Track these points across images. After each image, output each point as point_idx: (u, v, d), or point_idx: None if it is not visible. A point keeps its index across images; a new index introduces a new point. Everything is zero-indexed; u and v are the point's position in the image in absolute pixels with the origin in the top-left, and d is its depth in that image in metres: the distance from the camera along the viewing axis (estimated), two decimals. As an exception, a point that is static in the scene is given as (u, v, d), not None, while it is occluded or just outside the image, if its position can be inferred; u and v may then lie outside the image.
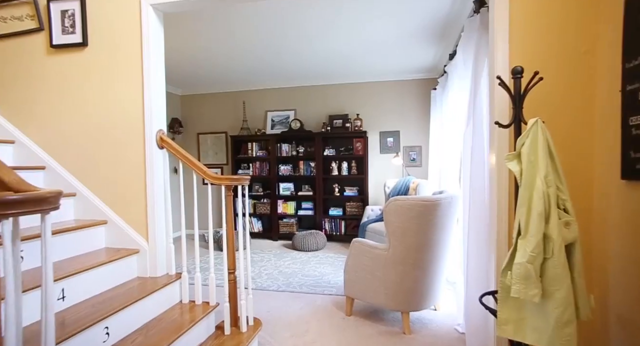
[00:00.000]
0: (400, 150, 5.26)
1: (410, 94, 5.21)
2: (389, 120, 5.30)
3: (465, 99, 2.43)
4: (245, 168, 5.64)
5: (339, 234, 5.29)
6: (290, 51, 4.06)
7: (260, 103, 5.76)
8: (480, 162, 2.09)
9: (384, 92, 5.30)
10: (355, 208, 5.20)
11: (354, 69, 4.86)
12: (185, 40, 3.68)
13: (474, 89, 2.16)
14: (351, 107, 5.42)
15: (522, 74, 1.38)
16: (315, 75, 5.21)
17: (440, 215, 2.29)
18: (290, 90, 5.63)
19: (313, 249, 4.73)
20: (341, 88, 5.44)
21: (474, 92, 2.16)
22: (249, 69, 4.79)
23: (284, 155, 5.41)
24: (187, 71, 4.94)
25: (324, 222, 5.32)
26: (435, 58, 4.37)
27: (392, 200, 2.31)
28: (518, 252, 1.24)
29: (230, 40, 3.70)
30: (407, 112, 5.23)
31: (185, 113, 6.06)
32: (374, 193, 5.38)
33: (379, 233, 4.16)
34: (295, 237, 4.83)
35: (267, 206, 5.48)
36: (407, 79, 5.19)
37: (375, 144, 5.37)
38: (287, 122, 5.53)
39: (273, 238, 5.43)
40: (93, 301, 1.85)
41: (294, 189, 5.51)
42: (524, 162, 1.28)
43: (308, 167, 5.38)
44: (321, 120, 5.52)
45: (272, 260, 4.30)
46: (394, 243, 2.34)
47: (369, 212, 4.72)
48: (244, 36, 3.57)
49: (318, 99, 5.54)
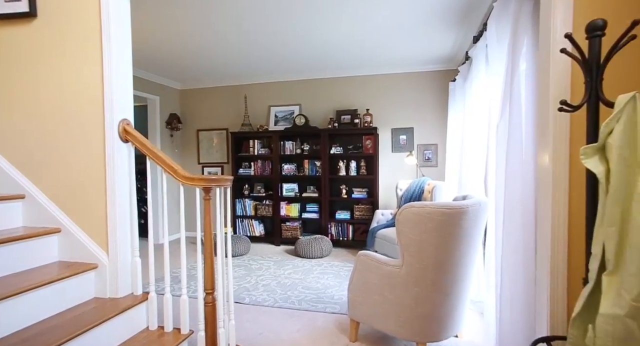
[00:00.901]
0: (414, 149, 4.81)
1: (425, 87, 4.75)
2: (402, 116, 4.85)
3: (498, 85, 1.99)
4: (246, 167, 5.27)
5: (346, 239, 4.87)
6: (296, 39, 3.66)
7: (263, 98, 5.38)
8: (517, 160, 1.65)
9: (396, 85, 4.85)
10: (364, 212, 4.77)
11: (364, 60, 4.43)
12: (182, 28, 3.32)
13: (510, 70, 1.72)
14: (361, 101, 4.99)
15: (603, 29, 0.95)
16: (322, 67, 4.80)
17: (466, 225, 1.86)
18: (295, 84, 5.23)
19: (317, 256, 4.32)
20: (350, 81, 5.02)
21: (511, 73, 1.71)
22: (252, 59, 4.41)
23: (287, 153, 5.01)
24: (186, 63, 4.59)
25: (330, 226, 4.91)
26: (454, 46, 3.90)
27: (407, 207, 1.88)
28: (606, 296, 0.81)
29: (231, 27, 3.32)
30: (422, 106, 4.78)
31: (185, 108, 5.73)
32: (385, 195, 4.94)
33: (390, 241, 3.73)
34: (298, 243, 4.43)
35: (269, 208, 5.09)
36: (423, 70, 4.74)
37: (387, 142, 4.92)
38: (291, 118, 5.14)
39: (275, 242, 5.05)
40: (31, 332, 1.47)
41: (298, 190, 5.11)
42: (614, 158, 0.84)
43: (313, 167, 4.98)
44: (328, 115, 5.11)
45: (272, 269, 3.91)
46: (409, 259, 1.91)
47: (379, 217, 4.28)
48: (247, 23, 3.19)
49: (325, 93, 5.13)
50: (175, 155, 5.58)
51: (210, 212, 1.78)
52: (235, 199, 5.19)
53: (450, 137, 4.00)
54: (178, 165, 1.77)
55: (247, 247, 4.54)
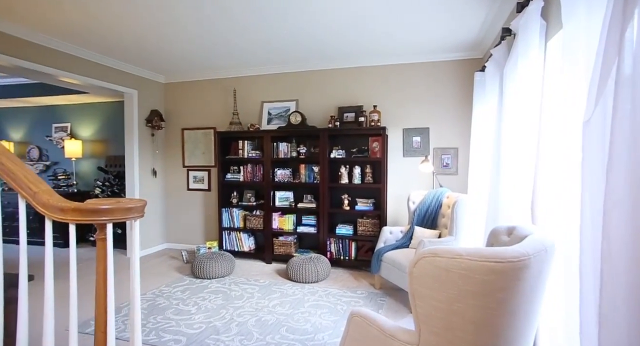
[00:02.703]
0: (429, 153, 4.06)
1: (444, 80, 4.00)
2: (416, 114, 4.11)
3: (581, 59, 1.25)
4: (235, 171, 4.60)
5: (348, 259, 4.15)
6: (293, 21, 2.96)
7: (254, 93, 4.70)
8: (624, 176, 0.92)
9: (409, 77, 4.12)
10: (369, 227, 4.05)
11: (372, 47, 3.71)
12: (162, 13, 2.66)
13: (619, 29, 0.99)
14: (367, 96, 4.27)
15: None
16: (322, 57, 4.09)
17: (527, 287, 1.13)
18: (291, 76, 4.54)
19: (312, 280, 3.61)
20: (355, 73, 4.30)
21: (619, 34, 0.98)
22: (241, 46, 3.73)
23: (281, 156, 4.32)
24: (168, 52, 3.93)
25: (329, 242, 4.19)
26: (483, 25, 3.16)
27: (427, 255, 1.16)
28: None
29: (217, 10, 2.65)
30: (440, 103, 4.03)
31: (170, 105, 5.09)
32: (395, 208, 4.21)
33: (399, 268, 3.00)
34: (290, 264, 3.72)
35: (259, 219, 4.41)
36: (441, 59, 3.99)
37: (397, 144, 4.19)
38: (286, 116, 4.44)
39: (266, 260, 4.36)
40: None
41: (294, 199, 4.41)
42: None
43: (311, 172, 4.27)
44: (328, 113, 4.40)
45: (255, 297, 3.21)
46: (429, 337, 1.19)
47: (386, 235, 3.55)
48: (234, 4, 2.51)
49: (325, 87, 4.42)
50: (155, 157, 4.95)
51: (106, 261, 1.09)
52: (222, 208, 4.51)
53: (475, 139, 3.25)
54: (44, 185, 1.08)
55: (230, 267, 3.86)
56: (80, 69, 3.90)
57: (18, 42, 3.30)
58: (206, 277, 3.69)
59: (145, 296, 3.25)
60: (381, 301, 3.13)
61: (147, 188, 4.79)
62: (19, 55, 3.32)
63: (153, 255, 4.71)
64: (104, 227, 1.07)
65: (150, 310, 2.93)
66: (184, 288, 3.45)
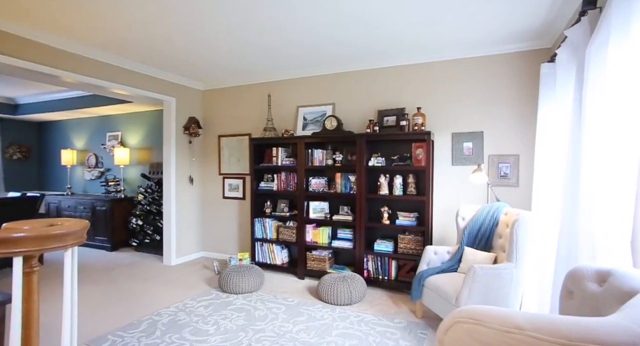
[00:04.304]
0: (483, 161, 3.51)
1: (501, 76, 3.44)
2: (467, 116, 3.59)
3: None
4: (269, 180, 4.39)
5: (387, 279, 3.71)
6: (327, 18, 2.69)
7: (290, 97, 4.48)
8: None
9: (459, 74, 3.61)
10: (412, 244, 3.58)
11: (416, 42, 3.29)
12: (191, 19, 2.56)
13: None
14: (410, 98, 3.83)
15: None
16: (360, 56, 3.75)
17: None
18: (327, 79, 4.25)
19: (344, 302, 3.24)
20: (396, 72, 3.89)
21: None
22: (275, 49, 3.54)
23: (316, 164, 4.03)
24: (205, 57, 3.86)
25: (366, 259, 3.79)
26: (553, 6, 2.60)
27: (466, 319, 0.76)
28: None
29: (243, 13, 2.48)
30: (496, 103, 3.47)
31: (207, 111, 5.06)
32: (441, 224, 3.69)
33: (444, 296, 2.54)
34: (322, 282, 3.39)
35: (293, 231, 4.14)
36: (498, 52, 3.44)
37: (445, 151, 3.69)
38: (322, 121, 4.15)
39: (298, 275, 4.07)
40: None
41: (329, 211, 4.09)
42: None
43: (347, 182, 3.92)
44: (367, 116, 4.03)
45: (279, 319, 2.92)
46: None
47: (430, 256, 3.07)
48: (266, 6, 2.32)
49: (363, 89, 4.06)
50: (192, 165, 4.93)
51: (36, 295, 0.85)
52: (255, 218, 4.32)
53: (542, 145, 2.69)
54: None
55: (259, 282, 3.62)
56: (124, 78, 3.98)
57: (73, 57, 3.46)
58: (233, 292, 3.49)
59: (169, 309, 3.11)
60: (422, 335, 2.67)
61: (184, 196, 4.77)
62: (80, 71, 3.57)
63: (188, 264, 4.65)
64: (29, 258, 0.83)
65: (168, 326, 2.77)
66: (208, 302, 3.27)
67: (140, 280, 3.95)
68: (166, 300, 3.34)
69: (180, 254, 4.72)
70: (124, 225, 5.49)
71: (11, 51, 3.03)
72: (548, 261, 2.29)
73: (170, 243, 4.61)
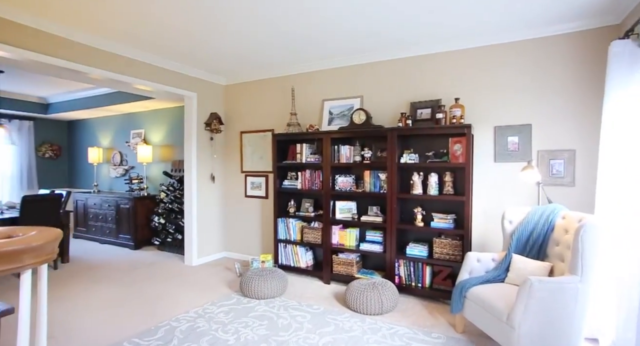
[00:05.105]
0: (532, 158, 3.12)
1: (555, 60, 3.04)
2: (513, 107, 3.21)
3: None
4: (292, 178, 4.17)
5: (421, 286, 3.40)
6: None
7: (314, 90, 4.23)
8: None
9: (504, 61, 3.24)
10: (448, 249, 3.25)
11: (454, 24, 2.95)
12: (215, 11, 2.38)
13: None
14: (446, 88, 3.49)
15: None
16: (391, 44, 3.45)
17: None
18: (355, 70, 3.97)
19: (375, 312, 2.97)
20: (430, 60, 3.55)
21: None
22: (298, 39, 3.30)
23: (342, 161, 3.76)
24: (229, 50, 3.68)
25: (397, 264, 3.49)
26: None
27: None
28: None
29: None
30: (548, 91, 3.07)
31: (229, 107, 4.90)
32: (482, 227, 3.34)
33: (491, 312, 2.21)
34: (350, 289, 3.13)
35: (318, 232, 3.90)
36: (553, 33, 3.04)
37: (487, 146, 3.33)
38: (349, 115, 3.88)
39: (324, 279, 3.82)
40: None
41: (357, 211, 3.81)
42: None
43: (377, 180, 3.63)
44: (398, 109, 3.71)
45: (304, 329, 2.68)
46: None
47: (472, 263, 2.74)
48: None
49: (394, 79, 3.75)
50: (214, 162, 4.77)
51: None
52: (278, 218, 4.11)
53: (609, 138, 2.30)
54: None
55: (282, 286, 3.40)
56: (146, 74, 3.87)
57: (99, 53, 3.42)
58: (254, 297, 3.29)
59: (188, 315, 2.94)
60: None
61: (205, 194, 4.63)
62: (107, 67, 3.51)
63: (210, 264, 4.51)
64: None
65: (186, 334, 2.59)
66: (229, 308, 3.08)
67: (161, 281, 3.83)
68: (186, 304, 3.18)
69: (201, 254, 4.59)
70: (147, 224, 5.43)
71: (45, 49, 3.03)
72: (627, 275, 1.93)
73: (192, 243, 4.48)
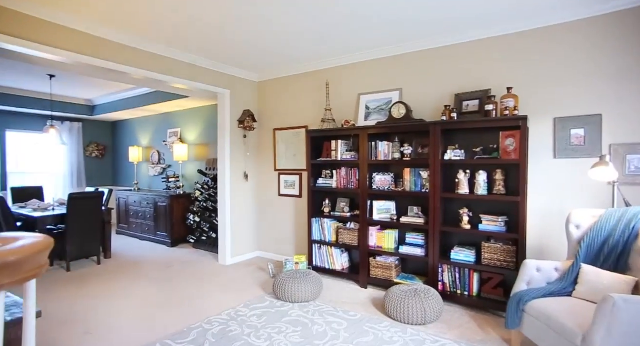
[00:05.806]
0: (603, 153, 2.73)
1: (627, 39, 2.63)
2: (576, 96, 2.83)
3: None
4: (327, 176, 4.00)
5: (468, 295, 3.10)
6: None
7: (350, 84, 4.02)
8: None
9: (563, 43, 2.86)
10: (499, 254, 2.93)
11: (505, 5, 2.63)
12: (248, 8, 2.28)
13: None
14: (496, 77, 3.16)
15: None
16: (432, 31, 3.17)
17: None
18: (393, 61, 3.71)
19: (417, 321, 2.72)
20: (476, 47, 3.23)
21: None
22: (332, 31, 3.12)
23: (380, 158, 3.53)
24: (262, 45, 3.59)
25: (441, 270, 3.22)
26: None
27: None
28: None
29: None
30: (623, 76, 2.66)
31: (263, 104, 4.81)
32: (539, 231, 2.98)
33: (558, 331, 1.92)
34: (389, 295, 2.90)
35: (354, 234, 3.70)
36: (629, 6, 2.63)
37: (545, 141, 2.96)
38: (387, 109, 3.64)
39: (360, 283, 3.61)
40: None
41: (396, 212, 3.57)
42: None
43: (418, 179, 3.37)
44: (442, 102, 3.42)
45: (340, 339, 2.50)
46: None
47: (531, 273, 2.41)
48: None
49: (436, 70, 3.46)
50: (247, 160, 4.71)
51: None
52: (312, 218, 3.95)
53: None
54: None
55: (317, 290, 3.24)
56: (182, 72, 3.88)
57: (139, 53, 3.46)
58: (288, 300, 3.15)
59: (220, 317, 2.85)
60: (526, 377, 2.06)
61: (238, 193, 4.57)
62: (146, 67, 3.56)
63: (243, 264, 4.45)
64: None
65: (218, 338, 2.49)
66: (262, 311, 2.96)
67: (195, 280, 3.80)
68: (219, 305, 3.10)
69: (235, 254, 4.54)
70: (183, 222, 5.49)
71: (95, 52, 3.12)
72: None
73: (225, 242, 4.44)
